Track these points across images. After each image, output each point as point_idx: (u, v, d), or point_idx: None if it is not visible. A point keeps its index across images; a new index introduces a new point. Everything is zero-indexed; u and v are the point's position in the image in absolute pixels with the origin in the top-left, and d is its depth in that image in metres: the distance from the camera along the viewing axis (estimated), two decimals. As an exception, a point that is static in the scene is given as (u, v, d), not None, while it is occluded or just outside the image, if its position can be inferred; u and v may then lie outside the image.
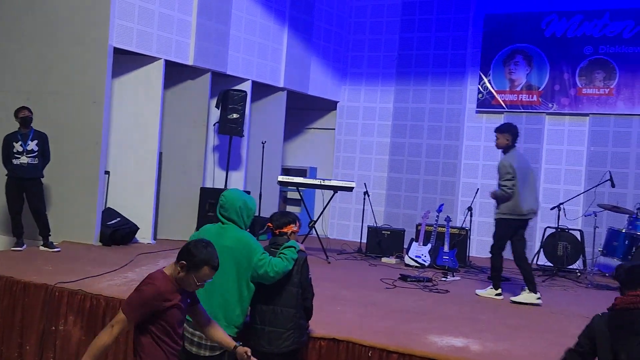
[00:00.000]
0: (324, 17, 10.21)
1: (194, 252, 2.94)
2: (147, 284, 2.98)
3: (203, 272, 2.96)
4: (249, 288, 3.66)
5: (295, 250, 3.76)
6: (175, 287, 2.99)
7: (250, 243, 3.66)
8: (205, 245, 3.00)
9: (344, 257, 8.32)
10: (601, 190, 8.19)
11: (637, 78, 8.73)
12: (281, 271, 3.63)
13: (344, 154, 10.64)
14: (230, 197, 3.74)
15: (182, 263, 2.95)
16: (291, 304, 3.75)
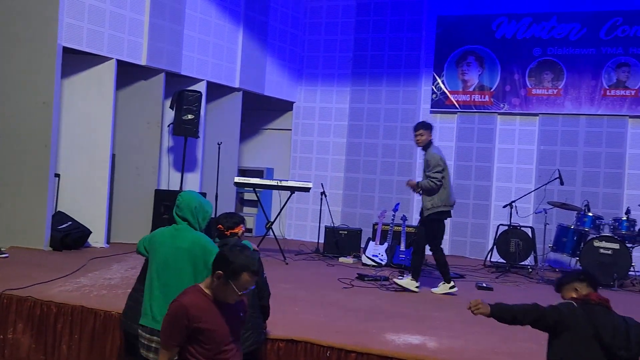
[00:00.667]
0: (279, 17, 10.19)
1: (231, 258, 2.71)
2: (174, 301, 2.77)
3: (243, 280, 2.72)
4: None
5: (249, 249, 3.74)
6: (210, 302, 2.75)
7: (206, 244, 3.62)
8: (240, 249, 2.78)
9: (302, 258, 8.32)
10: (551, 188, 8.42)
11: (583, 79, 9.02)
12: None
13: (300, 155, 10.64)
14: (186, 197, 3.72)
15: (218, 273, 2.71)
16: (248, 304, 3.73)
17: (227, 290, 2.73)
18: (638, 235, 7.54)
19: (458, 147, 9.63)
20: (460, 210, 9.53)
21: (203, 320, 2.73)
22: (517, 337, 4.60)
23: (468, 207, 9.50)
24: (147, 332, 3.47)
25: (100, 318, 4.68)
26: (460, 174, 9.57)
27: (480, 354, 4.23)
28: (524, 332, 3.37)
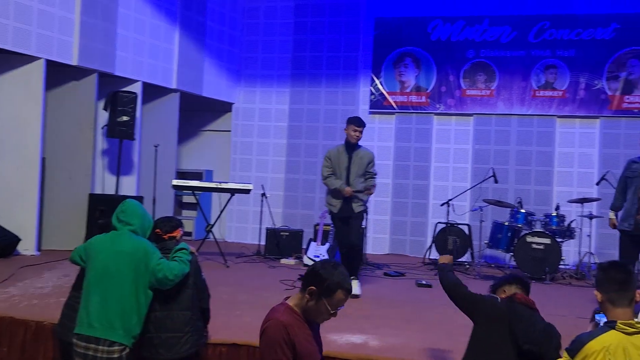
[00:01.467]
0: (216, 17, 10.06)
1: (324, 275, 2.56)
2: (267, 321, 2.59)
3: (337, 298, 2.59)
4: (146, 295, 3.53)
5: (188, 252, 3.70)
6: (301, 321, 2.58)
7: (147, 248, 3.56)
8: (334, 265, 2.63)
9: (243, 260, 8.24)
10: (486, 186, 8.67)
11: (514, 80, 9.34)
12: (180, 274, 3.55)
13: (240, 156, 10.54)
14: (132, 203, 3.71)
15: (311, 289, 2.55)
16: (187, 307, 3.66)
17: (319, 309, 2.59)
18: (567, 230, 7.86)
19: (396, 147, 9.78)
20: (400, 209, 9.69)
21: (297, 341, 2.57)
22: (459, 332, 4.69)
23: (407, 206, 9.66)
24: (82, 341, 3.36)
25: (31, 329, 4.48)
26: (399, 174, 9.72)
27: (422, 351, 4.30)
28: (466, 328, 3.44)
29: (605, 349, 2.47)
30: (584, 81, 9.05)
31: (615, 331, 2.51)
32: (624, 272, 2.66)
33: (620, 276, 2.63)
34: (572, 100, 9.10)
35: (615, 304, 2.59)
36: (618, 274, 2.64)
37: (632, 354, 2.45)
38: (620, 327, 2.51)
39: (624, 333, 2.50)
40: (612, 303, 2.61)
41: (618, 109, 8.96)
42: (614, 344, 2.47)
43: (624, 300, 2.59)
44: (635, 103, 8.90)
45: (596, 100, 9.02)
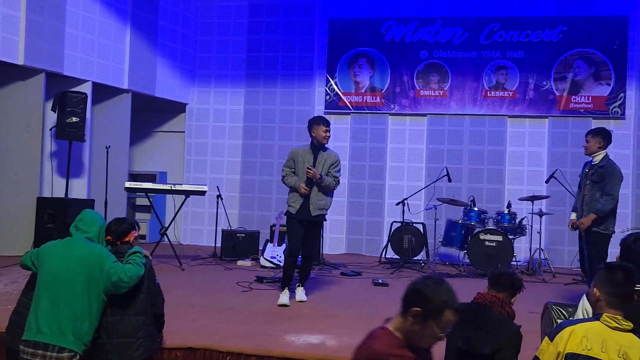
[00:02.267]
0: (169, 17, 9.90)
1: (429, 294, 2.26)
2: (362, 348, 2.36)
3: (446, 318, 2.27)
4: (99, 301, 3.44)
5: (141, 255, 3.62)
6: (404, 347, 2.30)
7: (101, 252, 3.50)
8: (437, 282, 2.34)
9: (199, 263, 8.13)
10: (440, 185, 8.80)
11: (466, 81, 9.51)
12: (135, 276, 3.47)
13: (195, 157, 10.41)
14: (92, 213, 3.70)
15: (415, 310, 2.25)
16: (140, 312, 3.58)
17: (425, 332, 2.28)
18: (518, 227, 8.06)
19: (352, 147, 9.83)
20: (356, 208, 9.75)
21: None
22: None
23: (363, 206, 9.72)
24: (30, 347, 3.26)
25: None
26: (355, 174, 9.78)
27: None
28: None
29: (584, 334, 2.52)
30: (533, 82, 9.30)
31: (599, 322, 2.56)
32: (630, 277, 2.63)
33: (624, 281, 2.62)
34: (522, 101, 9.33)
35: (611, 306, 2.61)
36: (623, 278, 2.62)
37: (609, 346, 2.48)
38: (605, 319, 2.55)
39: (607, 326, 2.54)
40: (608, 304, 2.62)
41: (565, 109, 9.24)
42: (595, 333, 2.52)
43: (620, 304, 2.61)
44: (582, 103, 9.19)
45: (545, 100, 9.27)
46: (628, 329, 2.55)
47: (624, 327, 2.54)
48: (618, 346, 2.48)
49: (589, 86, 9.19)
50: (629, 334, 2.54)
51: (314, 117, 6.20)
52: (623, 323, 2.55)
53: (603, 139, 5.69)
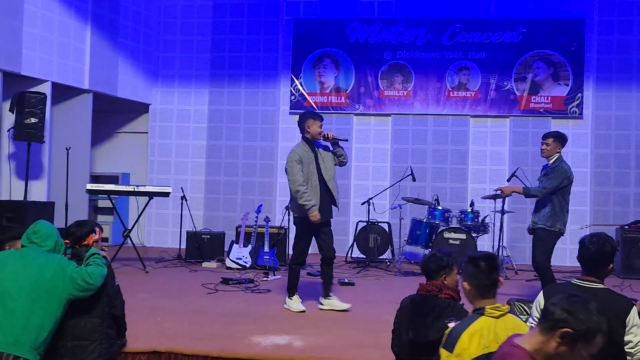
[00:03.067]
0: (131, 15, 9.75)
1: (580, 315, 2.08)
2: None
3: (596, 343, 2.10)
4: (60, 309, 3.38)
5: (100, 256, 3.57)
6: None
7: (60, 261, 3.44)
8: (584, 302, 2.14)
9: (163, 265, 8.03)
10: (404, 185, 8.88)
11: (430, 81, 9.63)
12: (99, 276, 3.42)
13: (158, 158, 10.27)
14: (45, 225, 3.59)
15: (566, 332, 2.06)
16: (96, 314, 3.51)
17: (573, 356, 2.12)
18: (482, 225, 8.20)
19: (317, 147, 9.84)
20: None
21: None
22: (380, 329, 4.78)
23: (329, 206, 9.72)
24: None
25: None
26: (320, 174, 9.78)
27: (346, 349, 4.34)
28: (386, 324, 3.50)
29: (477, 333, 2.59)
30: (494, 82, 9.47)
31: (484, 317, 2.65)
32: (492, 264, 2.78)
33: (488, 268, 2.75)
34: (484, 101, 9.49)
35: (483, 295, 2.74)
36: (486, 265, 2.76)
37: (501, 335, 2.55)
38: (488, 312, 2.65)
39: (492, 317, 2.63)
40: (480, 293, 2.75)
41: (526, 109, 9.43)
42: (485, 328, 2.60)
43: (491, 291, 2.75)
44: (541, 103, 9.40)
45: (506, 100, 9.45)
46: (507, 310, 2.67)
47: (504, 311, 2.65)
48: (506, 332, 2.55)
49: (548, 86, 9.40)
50: (509, 316, 2.67)
51: (307, 112, 5.94)
52: (503, 308, 2.66)
53: (562, 144, 5.74)
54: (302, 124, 5.74)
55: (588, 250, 3.15)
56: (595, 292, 3.06)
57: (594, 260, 3.14)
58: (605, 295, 3.07)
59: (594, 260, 3.14)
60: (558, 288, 3.25)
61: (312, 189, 5.54)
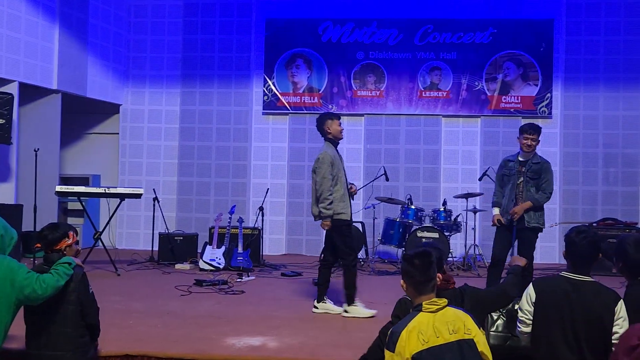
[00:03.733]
0: (100, 15, 9.60)
1: None
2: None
3: None
4: (9, 314, 3.31)
5: (70, 267, 3.45)
6: None
7: (11, 264, 3.33)
8: None
9: (135, 268, 7.93)
10: (377, 184, 8.92)
11: (402, 81, 9.69)
12: (51, 287, 3.31)
13: (130, 160, 10.14)
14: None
15: None
16: (70, 324, 3.45)
17: None
18: (454, 224, 8.28)
19: (291, 147, 9.83)
20: (295, 209, 9.75)
21: None
22: (354, 329, 4.81)
23: (302, 206, 9.73)
24: None
25: None
26: (294, 174, 9.79)
27: (320, 348, 4.34)
28: (359, 323, 3.51)
29: (415, 329, 2.68)
30: (465, 82, 9.57)
31: (423, 313, 2.73)
32: (427, 261, 2.85)
33: (422, 265, 2.83)
34: (456, 101, 9.58)
35: (420, 291, 2.82)
36: (420, 263, 2.83)
37: (440, 329, 2.68)
38: (425, 307, 2.74)
39: (430, 312, 2.72)
40: (417, 290, 2.83)
41: (496, 109, 9.55)
42: (425, 324, 2.69)
43: (427, 287, 2.82)
44: (511, 103, 9.53)
45: (477, 100, 9.56)
46: (445, 304, 2.76)
47: (442, 305, 2.75)
48: (446, 325, 2.69)
49: (518, 86, 9.54)
50: (448, 309, 2.76)
51: (324, 114, 5.87)
52: (440, 302, 2.75)
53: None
54: (321, 126, 5.73)
55: (579, 247, 3.22)
56: (584, 284, 3.21)
57: (584, 256, 3.25)
58: (594, 288, 3.21)
59: (584, 256, 3.25)
60: (548, 281, 3.33)
61: (343, 191, 5.51)
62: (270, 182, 9.75)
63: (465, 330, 2.70)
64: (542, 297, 3.25)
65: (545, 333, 3.22)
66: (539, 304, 3.25)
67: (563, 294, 3.20)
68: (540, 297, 3.25)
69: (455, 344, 2.65)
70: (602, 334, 3.13)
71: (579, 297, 3.17)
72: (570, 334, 3.15)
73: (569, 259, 3.30)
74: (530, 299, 3.28)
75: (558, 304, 3.19)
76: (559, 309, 3.19)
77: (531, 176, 5.69)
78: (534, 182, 5.69)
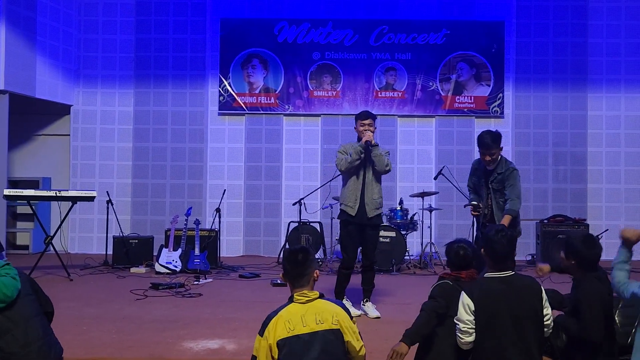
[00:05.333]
0: (48, 13, 9.34)
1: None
2: None
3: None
4: None
5: (11, 265, 3.39)
6: None
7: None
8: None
9: (89, 272, 7.75)
10: (335, 184, 8.93)
11: (358, 82, 9.75)
12: (14, 288, 3.25)
13: (82, 162, 9.90)
14: None
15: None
16: (34, 334, 3.35)
17: None
18: (410, 223, 8.38)
19: (247, 148, 9.78)
20: (253, 210, 9.71)
21: None
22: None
23: (260, 207, 9.69)
24: None
25: None
26: (251, 175, 9.73)
27: (278, 350, 4.32)
28: (318, 323, 3.51)
29: (284, 318, 2.92)
30: (420, 83, 9.70)
31: (294, 303, 2.99)
32: (301, 257, 3.08)
33: (296, 261, 3.06)
34: (411, 101, 9.71)
35: (294, 285, 3.06)
36: (295, 259, 3.07)
37: (308, 319, 2.92)
38: (296, 298, 3.00)
39: (300, 303, 2.98)
40: (291, 283, 3.07)
41: (450, 109, 9.72)
42: (293, 314, 2.94)
43: (300, 280, 3.05)
44: (465, 103, 9.71)
45: (431, 100, 9.71)
46: (316, 297, 3.01)
47: (312, 298, 2.99)
48: (314, 315, 2.94)
49: (471, 87, 9.73)
50: (318, 301, 3.01)
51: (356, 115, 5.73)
52: (310, 294, 3.00)
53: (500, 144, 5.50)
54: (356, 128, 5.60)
55: (501, 246, 3.31)
56: (511, 279, 3.30)
57: (504, 253, 3.33)
58: (520, 279, 3.33)
59: (504, 253, 3.33)
60: (479, 286, 3.34)
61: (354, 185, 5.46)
62: (227, 183, 9.67)
63: (332, 321, 2.94)
64: (480, 303, 3.23)
65: (491, 337, 3.20)
66: (480, 311, 3.22)
67: (500, 294, 3.23)
68: (479, 304, 3.23)
69: (320, 333, 2.89)
70: (540, 325, 3.25)
71: (514, 293, 3.23)
72: (516, 333, 3.17)
73: (489, 257, 3.36)
74: (469, 309, 3.23)
75: (499, 305, 3.21)
76: (500, 311, 3.20)
77: (496, 187, 5.49)
78: (500, 192, 5.49)
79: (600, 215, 9.63)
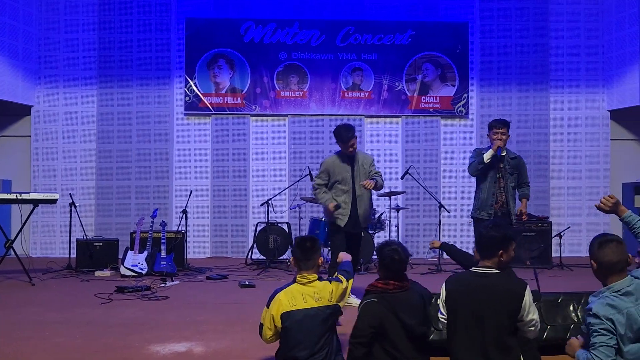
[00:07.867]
0: (7, 11, 9.10)
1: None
2: None
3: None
4: None
5: None
6: None
7: None
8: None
9: (51, 276, 7.58)
10: (302, 185, 8.96)
11: (325, 82, 9.77)
12: None
13: (43, 163, 9.68)
14: None
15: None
16: None
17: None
18: (378, 222, 8.43)
19: (214, 148, 9.70)
20: (220, 211, 9.63)
21: None
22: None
23: (227, 208, 9.63)
24: None
25: None
26: (218, 176, 9.66)
27: (247, 352, 4.30)
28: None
29: (290, 294, 3.47)
30: (386, 83, 9.77)
31: (296, 284, 3.54)
32: (309, 244, 3.57)
33: (305, 247, 3.56)
34: (377, 101, 9.77)
35: (301, 267, 3.56)
36: (304, 246, 3.56)
37: (308, 296, 3.46)
38: (298, 280, 3.54)
39: (301, 284, 3.52)
40: (299, 267, 3.57)
41: (417, 109, 9.81)
42: (296, 291, 3.49)
43: (307, 264, 3.55)
44: (431, 103, 9.82)
45: (398, 100, 9.78)
46: (315, 279, 3.53)
47: (312, 280, 3.52)
48: (313, 293, 3.48)
49: (437, 87, 9.84)
50: (317, 282, 3.54)
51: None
52: (310, 277, 3.53)
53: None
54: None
55: (482, 237, 3.33)
56: (489, 276, 3.21)
57: (485, 246, 3.29)
58: (498, 279, 3.20)
59: (485, 246, 3.29)
60: (457, 277, 3.39)
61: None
62: (194, 184, 9.58)
63: (329, 298, 3.49)
64: (450, 294, 3.24)
65: (453, 332, 3.21)
66: (448, 302, 3.24)
67: (468, 289, 3.20)
68: (449, 295, 3.25)
69: (316, 308, 3.43)
70: (508, 329, 3.13)
71: (483, 291, 3.16)
72: (477, 331, 3.12)
73: (477, 249, 3.36)
74: (442, 298, 3.28)
75: (463, 300, 3.19)
76: (464, 305, 3.18)
77: (510, 171, 5.87)
78: (512, 177, 5.88)
79: (563, 213, 9.85)
